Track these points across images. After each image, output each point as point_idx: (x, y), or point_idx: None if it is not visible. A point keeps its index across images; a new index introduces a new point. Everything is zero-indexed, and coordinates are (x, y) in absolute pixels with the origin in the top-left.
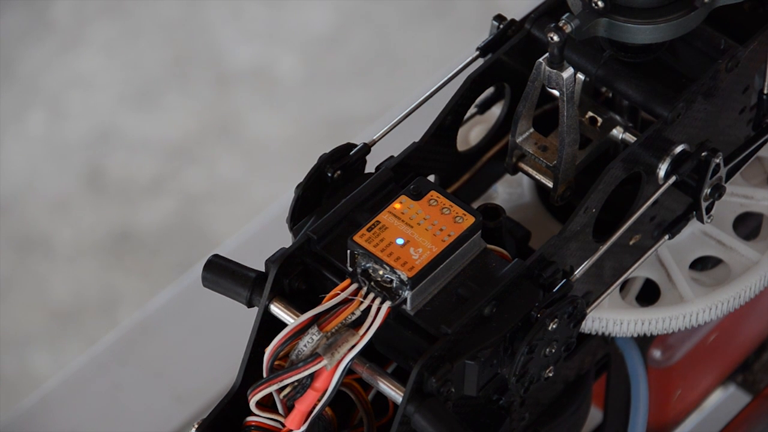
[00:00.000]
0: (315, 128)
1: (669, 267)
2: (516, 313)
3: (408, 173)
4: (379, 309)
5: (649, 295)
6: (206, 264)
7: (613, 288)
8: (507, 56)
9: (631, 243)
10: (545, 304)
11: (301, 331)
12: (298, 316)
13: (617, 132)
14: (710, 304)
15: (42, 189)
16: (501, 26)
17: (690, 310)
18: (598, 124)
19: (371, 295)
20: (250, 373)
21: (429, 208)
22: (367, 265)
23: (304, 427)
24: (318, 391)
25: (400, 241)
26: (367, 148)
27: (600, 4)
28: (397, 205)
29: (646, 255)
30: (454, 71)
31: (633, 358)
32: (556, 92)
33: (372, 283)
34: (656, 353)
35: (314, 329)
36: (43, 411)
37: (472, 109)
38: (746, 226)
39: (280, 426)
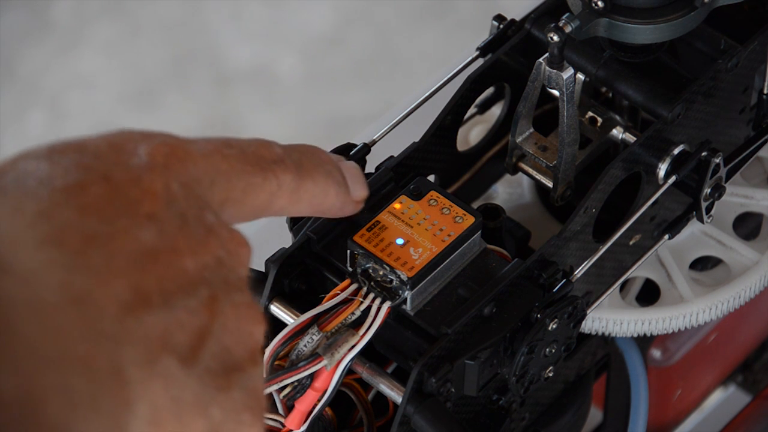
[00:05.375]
0: (315, 128)
1: (669, 267)
2: (516, 314)
3: (408, 173)
4: (379, 309)
5: (649, 295)
6: None
7: (613, 288)
8: (507, 56)
9: (631, 243)
10: (545, 305)
11: (301, 331)
12: (298, 316)
13: (617, 132)
14: (710, 304)
15: None
16: (501, 26)
17: (690, 310)
18: (598, 124)
19: (371, 295)
20: None
21: (429, 208)
22: (367, 265)
23: (304, 427)
24: (318, 391)
25: (400, 241)
26: (367, 148)
27: (600, 4)
28: (397, 205)
29: (646, 255)
30: (454, 71)
31: (633, 358)
32: (556, 92)
33: (372, 283)
34: (656, 353)
35: (314, 329)
36: None
37: (472, 109)
38: (746, 226)
39: (280, 426)
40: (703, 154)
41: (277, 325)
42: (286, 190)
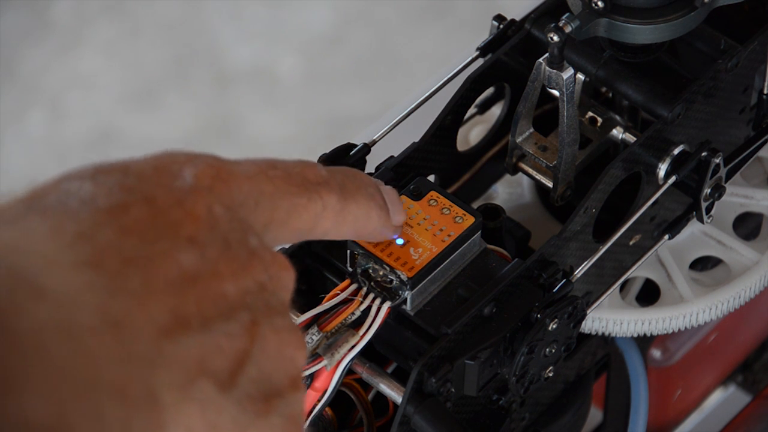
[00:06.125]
0: (315, 128)
1: (669, 267)
2: (516, 314)
3: (408, 173)
4: (379, 309)
5: (649, 295)
6: None
7: (613, 288)
8: (507, 56)
9: (631, 243)
10: (545, 305)
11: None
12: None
13: (617, 132)
14: (710, 304)
15: None
16: (501, 26)
17: (690, 310)
18: (598, 124)
19: (371, 296)
20: None
21: (429, 208)
22: (367, 265)
23: (304, 427)
24: (318, 391)
25: (400, 241)
26: (367, 148)
27: (600, 4)
28: None
29: (646, 255)
30: (454, 71)
31: (633, 358)
32: (556, 92)
33: (372, 284)
34: (656, 353)
35: (314, 329)
36: None
37: (472, 109)
38: (746, 226)
39: None
40: (703, 154)
41: None
42: (330, 212)
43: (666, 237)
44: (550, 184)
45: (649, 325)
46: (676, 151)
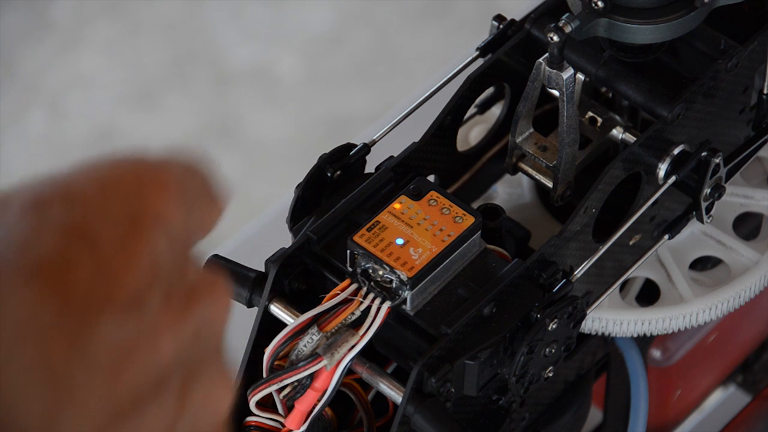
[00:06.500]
0: (315, 128)
1: (669, 267)
2: (516, 314)
3: (408, 173)
4: (379, 309)
5: (649, 295)
6: (206, 264)
7: (613, 288)
8: (507, 56)
9: (631, 243)
10: (545, 305)
11: (301, 331)
12: (298, 316)
13: (617, 132)
14: (710, 304)
15: None
16: (501, 26)
17: (690, 310)
18: (598, 124)
19: (371, 295)
20: (250, 373)
21: (429, 208)
22: (367, 265)
23: (304, 427)
24: (318, 391)
25: (399, 241)
26: (367, 148)
27: (600, 4)
28: (396, 205)
29: (646, 255)
30: (454, 71)
31: (633, 358)
32: (556, 92)
33: (372, 283)
34: (656, 353)
35: (314, 329)
36: None
37: (472, 109)
38: (746, 226)
39: (279, 426)
40: (703, 154)
41: (277, 325)
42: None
43: (666, 237)
44: (550, 184)
45: (649, 325)
46: (676, 151)
